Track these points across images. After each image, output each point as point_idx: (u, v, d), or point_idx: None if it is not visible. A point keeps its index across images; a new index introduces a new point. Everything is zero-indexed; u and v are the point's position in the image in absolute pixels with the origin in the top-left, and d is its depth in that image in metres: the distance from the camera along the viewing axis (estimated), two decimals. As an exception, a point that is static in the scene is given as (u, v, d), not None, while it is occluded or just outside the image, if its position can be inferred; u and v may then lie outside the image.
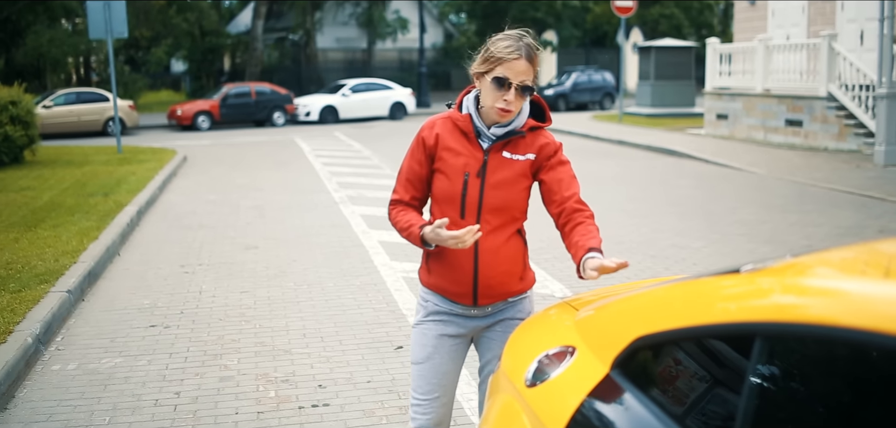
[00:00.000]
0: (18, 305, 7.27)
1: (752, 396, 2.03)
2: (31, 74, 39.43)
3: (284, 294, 8.14)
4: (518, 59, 3.10)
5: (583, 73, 40.67)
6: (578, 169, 12.56)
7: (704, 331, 2.30)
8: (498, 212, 3.24)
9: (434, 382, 3.41)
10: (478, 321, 3.42)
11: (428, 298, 3.43)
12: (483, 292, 3.30)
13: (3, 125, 18.28)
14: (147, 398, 5.64)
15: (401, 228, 3.34)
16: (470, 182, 3.21)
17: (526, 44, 3.15)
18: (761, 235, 10.31)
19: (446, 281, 3.33)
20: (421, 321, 3.45)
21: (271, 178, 16.74)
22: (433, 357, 3.40)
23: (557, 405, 2.62)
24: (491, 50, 3.16)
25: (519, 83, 3.11)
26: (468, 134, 3.24)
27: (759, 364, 2.05)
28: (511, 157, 3.24)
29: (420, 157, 3.32)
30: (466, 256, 3.24)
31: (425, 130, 3.32)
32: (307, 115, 33.72)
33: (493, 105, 3.15)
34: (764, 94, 21.34)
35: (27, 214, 12.12)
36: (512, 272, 3.34)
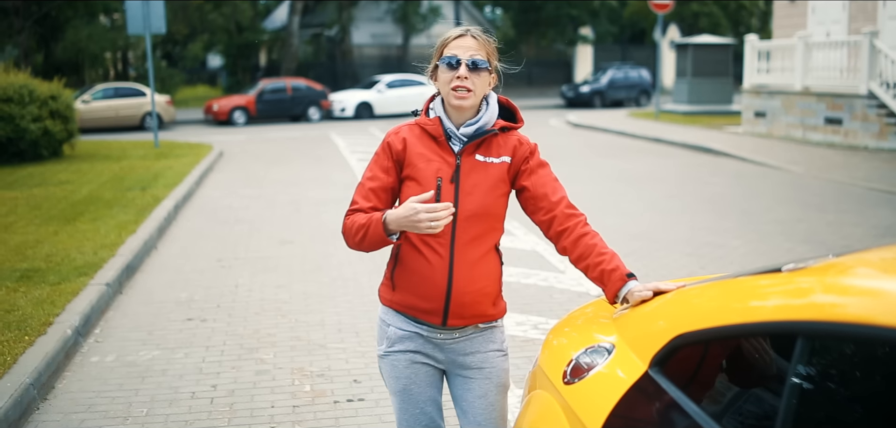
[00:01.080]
0: (58, 297, 7.36)
1: (793, 396, 2.01)
2: (69, 69, 39.88)
3: (320, 289, 8.17)
4: (463, 36, 3.00)
5: (619, 70, 40.48)
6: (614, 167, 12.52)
7: (745, 329, 2.28)
8: (475, 219, 3.00)
9: (415, 412, 3.14)
10: (446, 351, 3.11)
11: (390, 321, 3.14)
12: (454, 311, 3.01)
13: (43, 119, 18.50)
14: (184, 391, 5.69)
15: (358, 227, 3.00)
16: (444, 188, 2.97)
17: (472, 28, 3.06)
18: (798, 235, 10.20)
19: (414, 296, 3.03)
20: (387, 353, 3.16)
21: (307, 174, 16.82)
22: (408, 387, 3.13)
23: (595, 402, 2.61)
24: (441, 41, 3.05)
25: (468, 58, 2.96)
26: (438, 138, 3.02)
27: (800, 364, 2.03)
28: (485, 160, 3.03)
29: (386, 163, 3.07)
30: (439, 267, 2.97)
31: (391, 136, 3.08)
32: (342, 111, 33.84)
33: (448, 89, 2.97)
34: (803, 91, 21.11)
35: (66, 207, 12.27)
36: (486, 292, 3.06)
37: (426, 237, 2.96)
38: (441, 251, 2.97)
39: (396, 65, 47.07)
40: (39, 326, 6.51)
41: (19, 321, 6.63)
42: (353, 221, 3.04)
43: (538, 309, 7.28)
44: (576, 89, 39.66)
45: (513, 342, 6.44)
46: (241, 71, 50.80)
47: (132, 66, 48.50)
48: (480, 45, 3.00)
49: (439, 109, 3.07)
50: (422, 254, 2.98)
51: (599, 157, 18.60)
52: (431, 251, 2.97)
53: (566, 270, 8.56)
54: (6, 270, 8.37)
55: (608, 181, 15.02)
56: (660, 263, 8.90)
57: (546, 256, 9.14)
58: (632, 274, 2.95)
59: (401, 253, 3.04)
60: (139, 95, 31.17)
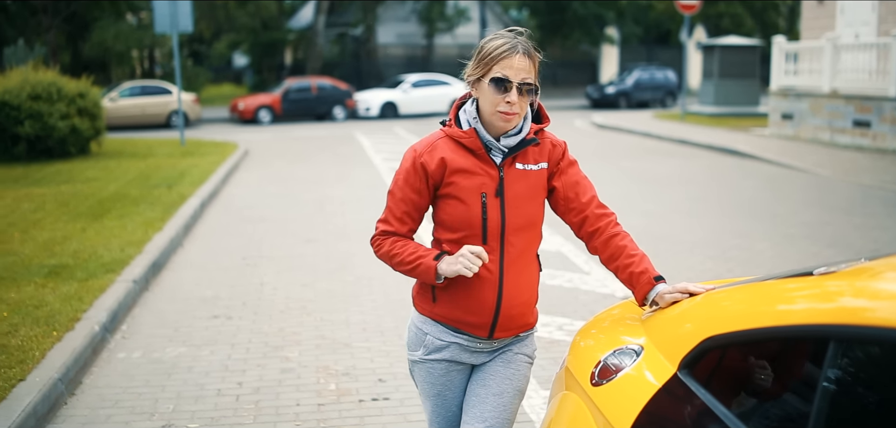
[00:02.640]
0: (86, 293, 7.42)
1: (825, 400, 2.00)
2: (96, 67, 40.25)
3: (345, 288, 8.19)
4: (514, 55, 2.81)
5: (645, 70, 40.30)
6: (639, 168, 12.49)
7: (775, 333, 2.26)
8: (521, 232, 2.92)
9: (451, 413, 3.14)
10: (482, 355, 3.09)
11: (427, 330, 3.06)
12: (502, 325, 2.97)
13: (71, 117, 18.65)
14: (210, 388, 5.72)
15: (402, 261, 2.94)
16: (489, 203, 2.86)
17: (522, 40, 2.86)
18: (825, 238, 10.12)
19: (461, 311, 2.96)
20: (423, 360, 3.10)
21: (331, 173, 16.86)
22: (443, 393, 3.12)
23: (624, 404, 2.60)
24: (486, 51, 2.85)
25: (520, 82, 2.81)
26: (476, 151, 2.88)
27: (832, 367, 2.01)
28: (525, 169, 2.92)
29: (418, 185, 2.93)
30: (489, 283, 2.91)
31: (423, 155, 2.91)
32: (367, 110, 33.91)
33: (494, 110, 2.83)
34: (831, 94, 20.94)
35: (94, 204, 12.36)
36: (530, 302, 3.05)
37: None
38: (491, 267, 2.90)
39: (422, 64, 47.13)
40: (67, 322, 6.57)
41: (47, 317, 6.69)
42: (393, 251, 2.98)
43: (563, 310, 7.26)
44: (601, 90, 39.54)
45: (538, 344, 6.42)
46: (266, 70, 51.03)
47: (158, 65, 48.83)
48: (531, 64, 2.85)
49: (473, 119, 2.92)
50: None
51: (624, 159, 18.54)
52: (482, 268, 2.89)
53: (591, 272, 8.53)
54: (35, 266, 8.45)
55: (633, 183, 14.96)
56: (685, 266, 8.85)
57: (571, 258, 9.11)
58: (660, 277, 2.92)
59: None
60: (165, 94, 31.39)
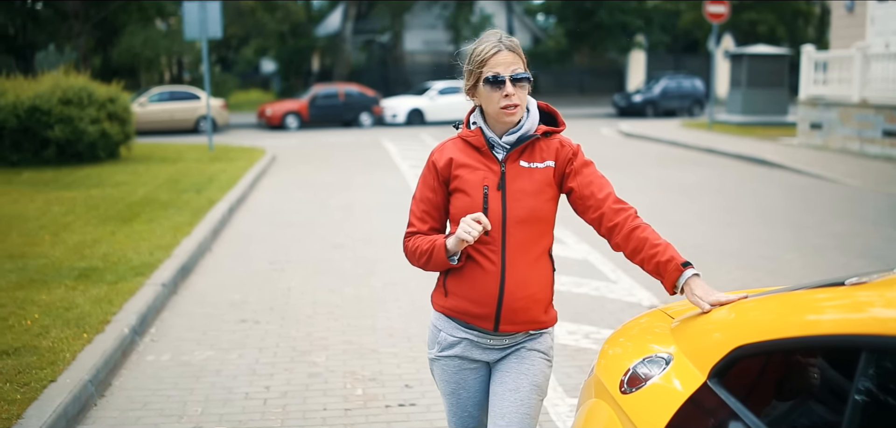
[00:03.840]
0: (116, 296, 7.49)
1: (857, 411, 1.99)
2: (126, 73, 40.57)
3: (372, 293, 8.21)
4: (499, 52, 2.98)
5: (672, 79, 40.11)
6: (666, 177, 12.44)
7: (807, 343, 2.26)
8: (523, 225, 3.04)
9: (464, 415, 3.27)
10: (494, 353, 3.18)
11: (441, 326, 3.20)
12: (506, 317, 3.05)
13: (101, 122, 18.81)
14: (238, 391, 5.76)
15: (421, 253, 3.11)
16: (491, 195, 3.02)
17: (502, 38, 3.02)
18: (854, 249, 10.04)
19: (467, 301, 3.08)
20: (437, 357, 3.24)
21: (358, 179, 16.91)
22: (457, 391, 3.24)
23: (653, 412, 2.60)
24: (472, 58, 3.05)
25: (511, 74, 2.98)
26: (481, 148, 3.07)
27: (863, 378, 2.01)
28: (529, 166, 3.07)
29: (433, 183, 3.14)
30: (492, 273, 3.02)
31: (436, 154, 3.15)
32: (394, 117, 33.99)
33: (497, 106, 3.00)
34: (861, 103, 20.77)
35: (123, 208, 12.47)
36: (538, 298, 3.10)
37: (478, 245, 3.01)
38: (493, 258, 3.02)
39: (448, 71, 47.09)
40: (97, 325, 6.63)
41: (78, 319, 6.76)
42: (415, 245, 3.15)
43: (590, 318, 7.25)
44: (628, 98, 39.42)
45: (564, 351, 6.42)
46: (293, 76, 51.25)
47: (187, 70, 49.16)
48: (516, 55, 3.02)
49: (480, 121, 3.11)
50: (475, 261, 3.04)
51: (651, 168, 18.48)
52: (484, 258, 3.02)
53: (618, 280, 8.52)
54: (65, 269, 8.54)
55: (660, 192, 14.91)
56: (712, 276, 8.81)
57: (597, 266, 9.10)
58: (688, 263, 2.93)
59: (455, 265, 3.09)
60: (194, 99, 31.60)
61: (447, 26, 49.49)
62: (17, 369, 5.61)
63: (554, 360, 6.19)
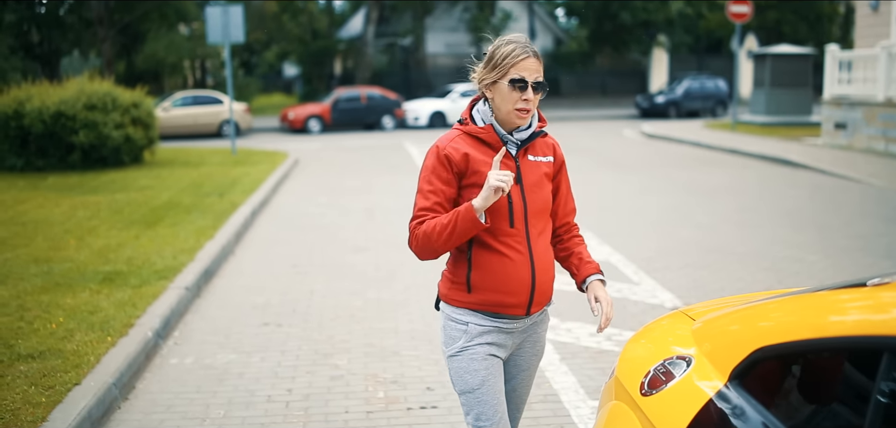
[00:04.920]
0: (139, 299, 7.54)
1: (879, 413, 1.97)
2: (149, 78, 40.88)
3: (393, 296, 8.22)
4: (527, 58, 3.10)
5: (695, 79, 39.91)
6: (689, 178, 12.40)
7: (828, 344, 2.24)
8: (540, 215, 3.23)
9: (493, 403, 3.22)
10: (517, 335, 3.30)
11: (468, 320, 3.23)
12: (537, 300, 3.22)
13: (125, 127, 18.96)
14: (260, 394, 5.78)
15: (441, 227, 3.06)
16: (512, 190, 3.14)
17: (529, 44, 3.16)
18: (880, 250, 9.96)
19: (500, 293, 3.16)
20: (466, 347, 3.23)
21: (381, 182, 16.94)
22: (488, 379, 3.22)
23: (674, 415, 2.59)
24: (498, 55, 3.14)
25: (534, 81, 3.11)
26: (494, 144, 3.17)
27: (886, 380, 1.99)
28: (535, 160, 3.25)
29: (446, 176, 3.15)
30: (522, 263, 3.15)
31: (448, 148, 3.16)
32: (416, 120, 34.01)
33: (513, 108, 3.12)
34: (886, 103, 20.60)
35: (147, 212, 12.55)
36: (554, 278, 3.32)
37: (504, 237, 3.13)
38: (520, 248, 3.16)
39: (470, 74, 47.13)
40: (121, 328, 6.68)
41: (102, 322, 6.80)
42: (432, 226, 3.09)
43: (612, 320, 7.21)
44: (650, 99, 39.26)
45: (586, 353, 6.42)
46: (316, 79, 51.44)
47: (210, 74, 49.45)
48: (539, 62, 3.15)
49: (488, 116, 3.21)
50: (502, 254, 3.14)
51: (674, 169, 18.40)
52: (512, 250, 3.14)
53: (641, 282, 8.49)
54: (90, 273, 8.60)
55: (683, 193, 14.85)
56: (736, 277, 8.76)
57: (620, 267, 9.07)
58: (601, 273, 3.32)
59: (475, 258, 3.16)
60: (217, 103, 31.77)
61: (469, 29, 49.50)
62: (42, 372, 5.66)
63: (576, 362, 6.19)
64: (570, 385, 5.80)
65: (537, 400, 5.54)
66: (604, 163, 19.35)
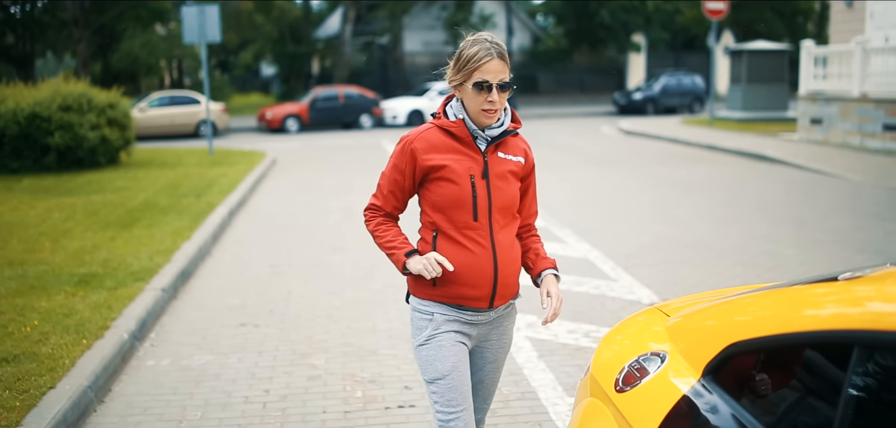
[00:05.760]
0: (115, 301, 7.48)
1: (850, 407, 1.98)
2: (126, 78, 40.65)
3: (371, 296, 8.21)
4: (491, 60, 3.14)
5: (672, 76, 40.10)
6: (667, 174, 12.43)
7: (800, 339, 2.25)
8: (504, 210, 3.28)
9: (463, 390, 3.27)
10: (482, 327, 3.37)
11: (433, 310, 3.31)
12: (500, 292, 3.28)
13: (101, 128, 18.83)
14: (237, 395, 5.75)
15: (382, 243, 3.38)
16: (477, 184, 3.22)
17: (494, 44, 3.19)
18: (855, 244, 10.03)
19: (463, 286, 3.25)
20: (433, 335, 3.30)
21: (359, 182, 16.90)
22: (458, 366, 3.27)
23: (647, 410, 2.60)
24: (463, 57, 3.20)
25: (498, 82, 3.15)
26: (464, 139, 3.25)
27: (856, 374, 2.00)
28: (505, 158, 3.30)
29: (405, 168, 3.31)
30: (485, 257, 3.23)
31: (414, 141, 3.28)
32: (394, 118, 33.99)
33: (479, 108, 3.18)
34: (861, 98, 20.76)
35: (123, 213, 12.47)
36: (518, 271, 3.38)
37: (465, 231, 3.23)
38: (483, 242, 3.23)
39: (445, 72, 47.11)
40: (97, 330, 6.63)
41: (77, 325, 6.75)
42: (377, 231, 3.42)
43: (590, 317, 7.24)
44: (628, 96, 39.42)
45: (564, 350, 6.43)
46: (293, 79, 51.31)
47: (187, 75, 49.21)
48: (505, 62, 3.19)
49: (461, 112, 3.28)
50: (466, 247, 3.23)
51: (652, 165, 18.46)
52: (475, 243, 3.23)
53: (618, 279, 8.51)
54: (65, 275, 8.54)
55: (661, 189, 14.90)
56: (713, 273, 8.80)
57: (598, 264, 9.09)
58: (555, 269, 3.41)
59: (439, 250, 3.26)
60: (194, 103, 31.63)
61: (446, 27, 49.50)
62: (17, 376, 5.61)
63: (554, 359, 6.20)
64: (548, 382, 5.80)
65: (515, 398, 5.55)
66: (582, 160, 19.39)
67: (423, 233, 3.38)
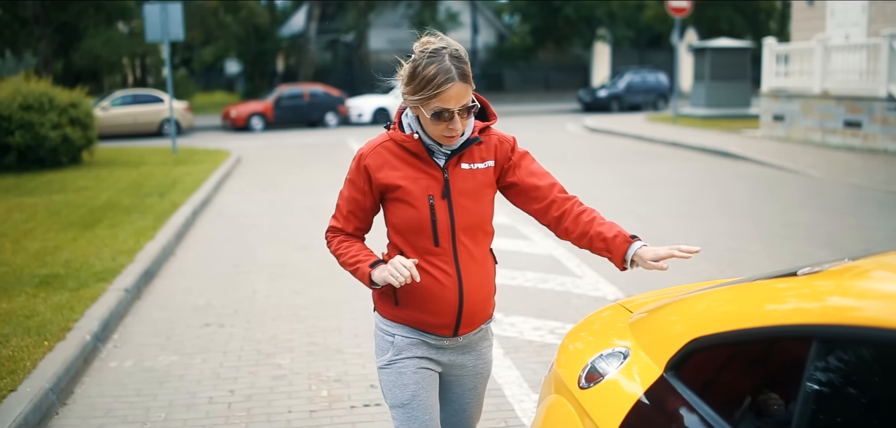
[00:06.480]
0: (77, 303, 7.40)
1: (808, 400, 2.00)
2: (88, 77, 40.22)
3: (337, 294, 8.18)
4: (451, 86, 2.76)
5: (636, 74, 40.40)
6: (631, 171, 12.48)
7: (760, 333, 2.27)
8: (472, 231, 2.96)
9: (424, 419, 3.03)
10: (450, 352, 3.10)
11: (394, 331, 3.05)
12: (465, 321, 3.00)
13: (62, 127, 18.64)
14: (202, 396, 5.71)
15: (345, 262, 3.03)
16: (437, 205, 2.90)
17: (454, 63, 2.78)
18: (818, 239, 10.15)
19: (425, 313, 2.98)
20: (393, 361, 3.05)
21: (324, 180, 16.85)
22: (418, 394, 3.03)
23: (611, 407, 2.61)
24: (421, 79, 2.78)
25: (460, 108, 2.80)
26: (420, 155, 2.91)
27: (815, 367, 2.02)
28: (470, 168, 2.94)
29: (363, 186, 2.98)
30: (449, 285, 2.94)
31: (368, 157, 2.95)
32: (360, 116, 33.97)
33: (439, 135, 2.85)
34: (822, 95, 21.00)
35: (85, 213, 12.34)
36: (489, 295, 3.08)
37: (430, 257, 2.93)
38: (447, 268, 2.94)
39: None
40: (59, 332, 6.56)
41: (39, 327, 6.67)
42: (339, 250, 3.07)
43: (555, 314, 7.26)
44: (593, 94, 39.63)
45: (530, 347, 6.44)
46: (258, 77, 51.04)
47: (150, 73, 48.79)
48: (467, 84, 2.81)
49: (415, 124, 2.93)
50: (429, 273, 2.93)
51: (617, 162, 18.56)
52: (438, 270, 2.94)
53: (584, 275, 8.54)
54: (26, 276, 8.44)
55: (625, 186, 14.98)
56: (677, 269, 8.85)
57: (563, 262, 9.12)
58: (636, 236, 2.94)
59: None
60: (157, 102, 31.37)
61: (412, 25, 49.43)
62: (-24, 379, 5.54)
63: (520, 356, 6.21)
64: (514, 379, 5.81)
65: (481, 395, 5.55)
66: (547, 157, 19.38)
67: (390, 250, 3.08)
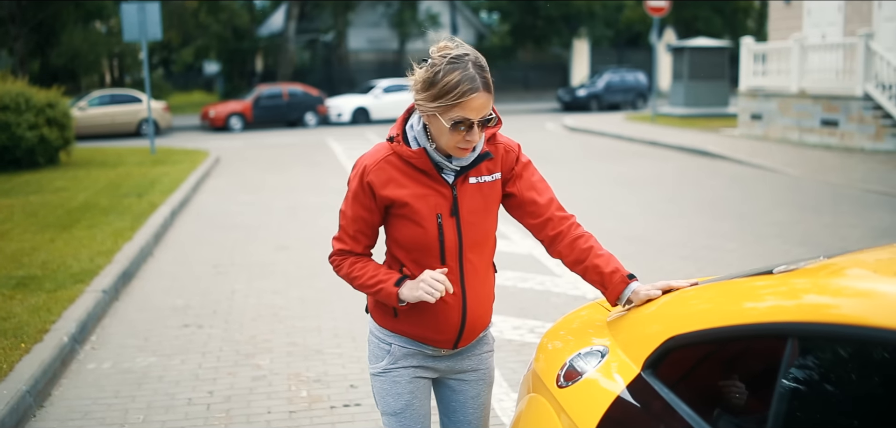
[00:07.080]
0: (54, 304, 7.35)
1: (784, 398, 2.01)
2: (65, 76, 39.93)
3: (316, 294, 8.17)
4: (476, 95, 2.61)
5: (615, 73, 40.56)
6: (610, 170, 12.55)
7: (737, 331, 2.28)
8: (478, 247, 2.88)
9: (420, 425, 3.02)
10: (446, 361, 3.04)
11: (391, 341, 2.97)
12: (467, 336, 2.95)
13: (39, 127, 18.50)
14: (180, 397, 5.69)
15: (362, 284, 2.87)
16: (445, 224, 2.78)
17: (478, 72, 2.64)
18: (795, 237, 10.21)
19: (426, 329, 2.91)
20: (389, 369, 2.98)
21: (303, 180, 16.81)
22: (412, 403, 2.98)
23: (589, 405, 2.61)
24: (442, 86, 2.61)
25: (480, 119, 2.66)
26: (428, 172, 2.77)
27: (791, 365, 2.03)
28: (479, 181, 2.83)
29: (368, 203, 2.81)
30: (453, 304, 2.86)
31: (371, 173, 2.77)
32: (339, 116, 33.89)
33: (453, 145, 2.70)
34: (799, 94, 21.14)
35: (62, 214, 12.26)
36: (490, 307, 3.02)
37: None
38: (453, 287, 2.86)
39: (393, 69, 47.11)
40: (36, 334, 6.51)
41: (15, 329, 6.62)
42: (353, 274, 2.90)
43: (534, 313, 7.27)
44: (572, 93, 39.72)
45: (509, 346, 6.45)
46: (237, 77, 50.87)
47: (128, 73, 48.52)
48: (490, 95, 2.67)
49: (422, 137, 2.78)
50: None
51: (596, 161, 18.61)
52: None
53: (563, 275, 8.56)
54: (2, 278, 8.37)
55: (605, 185, 15.03)
56: (656, 266, 8.90)
57: (543, 261, 9.14)
58: (632, 275, 2.90)
59: None
60: (135, 102, 31.19)
61: (391, 25, 49.41)
62: (-48, 382, 5.49)
63: (500, 355, 6.22)
64: (494, 379, 5.81)
65: (461, 394, 5.55)
66: (527, 156, 19.39)
67: (388, 260, 2.95)
